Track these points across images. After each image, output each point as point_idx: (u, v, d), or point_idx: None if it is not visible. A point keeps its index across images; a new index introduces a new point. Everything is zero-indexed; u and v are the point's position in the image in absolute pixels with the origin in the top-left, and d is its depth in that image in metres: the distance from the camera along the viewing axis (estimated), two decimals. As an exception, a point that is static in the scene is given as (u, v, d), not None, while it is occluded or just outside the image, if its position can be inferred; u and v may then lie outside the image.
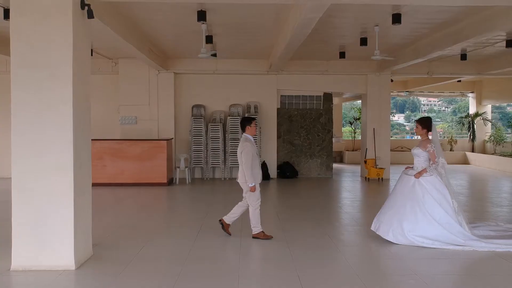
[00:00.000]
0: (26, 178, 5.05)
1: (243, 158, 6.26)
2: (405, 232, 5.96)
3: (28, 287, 4.69)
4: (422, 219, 5.95)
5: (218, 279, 4.87)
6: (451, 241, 5.85)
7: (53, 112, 5.04)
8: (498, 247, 5.78)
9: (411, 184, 6.15)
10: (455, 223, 5.96)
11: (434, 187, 6.04)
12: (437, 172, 6.12)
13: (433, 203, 5.98)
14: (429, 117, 6.58)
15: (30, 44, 5.02)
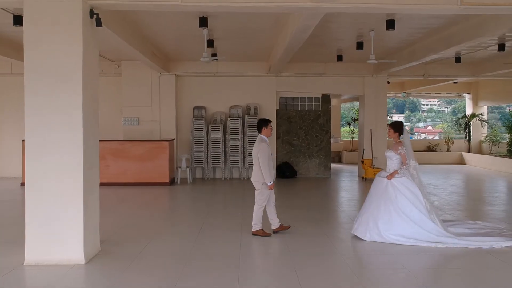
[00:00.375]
0: (39, 178, 5.34)
1: (259, 158, 6.56)
2: (381, 231, 6.26)
3: (41, 280, 4.97)
4: (396, 218, 6.24)
5: (219, 274, 5.15)
6: (426, 238, 6.13)
7: (64, 116, 5.33)
8: (470, 244, 6.07)
9: (384, 185, 6.44)
10: (429, 220, 6.24)
11: (406, 187, 6.34)
12: (409, 173, 6.41)
13: (406, 203, 6.27)
14: (400, 121, 6.88)
15: (42, 52, 5.32)
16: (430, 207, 6.36)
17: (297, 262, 5.55)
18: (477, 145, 19.51)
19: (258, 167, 6.65)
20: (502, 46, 9.81)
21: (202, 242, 6.47)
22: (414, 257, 5.77)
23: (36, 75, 5.33)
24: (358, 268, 5.48)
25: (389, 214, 6.29)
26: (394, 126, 6.68)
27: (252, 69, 13.33)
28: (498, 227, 7.05)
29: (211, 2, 5.50)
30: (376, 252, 6.00)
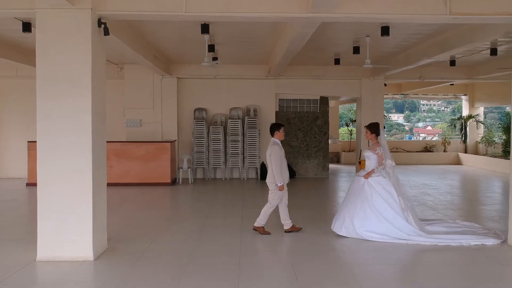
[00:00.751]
0: (50, 179, 5.65)
1: (272, 160, 6.87)
2: (355, 227, 6.59)
3: (53, 275, 5.26)
4: (371, 216, 6.56)
5: (221, 270, 5.45)
6: (398, 235, 6.44)
7: (74, 120, 5.64)
8: (439, 241, 6.36)
9: (361, 184, 6.76)
10: (402, 219, 6.53)
11: (381, 186, 6.65)
12: (385, 172, 6.72)
13: (381, 201, 6.58)
14: (377, 123, 7.15)
15: (53, 59, 5.62)
16: (404, 206, 6.65)
17: (294, 258, 5.86)
18: (474, 145, 19.81)
19: (271, 169, 6.97)
20: (495, 51, 10.13)
21: (204, 240, 6.77)
22: (387, 253, 6.09)
23: (47, 81, 5.63)
24: (353, 264, 5.79)
25: (364, 212, 6.61)
26: (371, 128, 6.98)
27: (252, 72, 13.63)
28: (475, 226, 7.31)
29: (213, 12, 5.81)
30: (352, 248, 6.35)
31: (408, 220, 6.58)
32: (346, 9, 5.78)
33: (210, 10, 5.79)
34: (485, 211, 9.19)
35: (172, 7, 5.72)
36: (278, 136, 7.15)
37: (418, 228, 6.58)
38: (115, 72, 13.71)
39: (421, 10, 5.88)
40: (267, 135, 13.91)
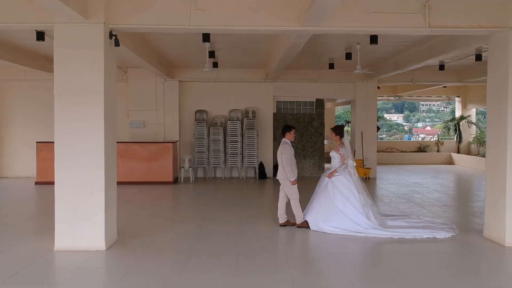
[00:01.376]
0: (66, 176, 6.25)
1: (283, 158, 7.51)
2: (319, 223, 7.24)
3: (70, 263, 5.84)
4: (332, 213, 7.21)
5: (221, 258, 6.05)
6: (357, 229, 7.05)
7: (88, 122, 6.23)
8: (394, 234, 6.96)
9: (325, 183, 7.42)
10: (361, 215, 7.15)
11: (343, 185, 7.29)
12: (347, 171, 7.36)
13: (341, 198, 7.23)
14: (341, 126, 7.80)
15: (70, 68, 6.22)
16: (364, 202, 7.26)
17: (288, 249, 6.46)
18: (466, 146, 20.41)
19: (282, 166, 7.59)
20: (479, 57, 10.72)
21: (205, 233, 7.37)
22: (347, 244, 6.70)
23: (64, 88, 6.23)
24: (330, 254, 6.39)
25: (326, 209, 7.27)
26: (336, 130, 7.65)
27: (250, 76, 14.22)
28: (435, 221, 7.89)
29: (214, 26, 6.41)
30: (318, 240, 6.99)
31: (367, 216, 7.19)
32: (335, 23, 6.37)
33: (212, 23, 6.39)
34: (469, 207, 9.78)
35: (177, 21, 6.31)
36: (289, 137, 7.80)
37: (377, 223, 7.19)
38: (120, 76, 14.25)
39: (402, 23, 6.47)
40: (265, 136, 14.62)
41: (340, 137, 7.57)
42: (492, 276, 5.54)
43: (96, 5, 6.11)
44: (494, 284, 5.20)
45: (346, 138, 7.58)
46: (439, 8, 6.42)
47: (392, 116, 59.02)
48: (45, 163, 12.71)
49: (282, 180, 7.71)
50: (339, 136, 7.57)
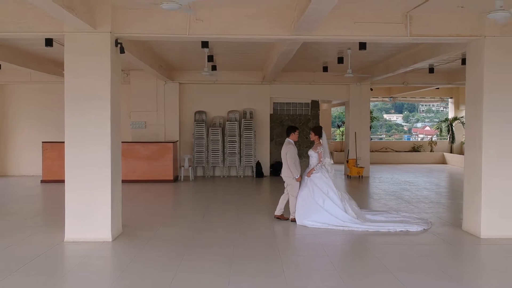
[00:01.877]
0: (76, 173, 6.78)
1: (288, 158, 8.03)
2: (301, 218, 7.80)
3: (79, 253, 6.36)
4: (312, 208, 7.76)
5: (218, 248, 6.58)
6: (336, 223, 7.60)
7: (95, 124, 6.76)
8: (370, 228, 7.50)
9: (306, 181, 7.97)
10: (339, 209, 7.70)
11: (322, 181, 7.85)
12: (325, 169, 7.91)
13: (321, 194, 7.79)
14: (320, 126, 8.38)
15: (79, 74, 6.75)
16: (342, 197, 7.83)
17: (279, 239, 6.99)
18: (459, 146, 20.94)
19: (286, 165, 8.11)
20: (465, 61, 11.22)
21: (204, 226, 7.91)
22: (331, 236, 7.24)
23: (74, 93, 6.76)
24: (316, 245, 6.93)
25: (307, 205, 7.82)
26: (315, 130, 8.23)
27: (248, 78, 14.75)
28: (412, 216, 8.44)
29: (212, 35, 6.94)
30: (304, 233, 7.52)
31: (346, 210, 7.75)
32: (323, 32, 6.90)
33: (210, 33, 6.92)
34: (454, 204, 10.29)
35: (178, 30, 6.84)
36: (293, 137, 8.34)
37: (355, 216, 7.74)
38: (122, 78, 14.78)
39: (386, 32, 7.01)
40: (263, 136, 15.15)
41: (319, 137, 8.13)
42: (465, 262, 6.08)
43: (103, 16, 6.63)
44: (466, 269, 5.73)
45: (324, 138, 8.13)
46: (420, 18, 6.95)
47: (391, 116, 59.50)
48: (51, 162, 13.27)
49: (286, 178, 8.22)
50: (318, 136, 8.14)
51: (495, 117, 6.99)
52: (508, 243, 6.81)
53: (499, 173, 7.03)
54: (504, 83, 6.97)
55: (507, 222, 7.03)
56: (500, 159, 7.02)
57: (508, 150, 7.02)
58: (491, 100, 6.98)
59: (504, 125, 7.00)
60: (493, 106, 6.98)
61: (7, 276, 5.31)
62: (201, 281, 5.20)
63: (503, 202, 7.05)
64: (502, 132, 7.01)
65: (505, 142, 7.01)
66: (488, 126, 7.00)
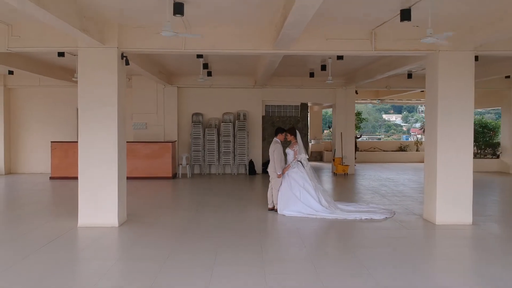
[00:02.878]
0: (88, 168, 7.91)
1: (275, 155, 9.19)
2: (281, 208, 8.97)
3: (90, 236, 7.48)
4: (290, 200, 8.90)
5: (209, 233, 7.70)
6: (310, 212, 8.75)
7: (104, 125, 7.89)
8: (339, 216, 8.63)
9: (285, 176, 9.12)
10: (314, 200, 8.86)
11: (298, 176, 9.00)
12: (301, 164, 9.08)
13: (298, 187, 8.94)
14: (294, 128, 9.55)
15: (90, 83, 7.88)
16: (316, 188, 9.00)
17: (260, 224, 8.14)
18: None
19: (273, 162, 9.26)
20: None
21: (200, 215, 9.04)
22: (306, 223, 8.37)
23: (86, 99, 7.89)
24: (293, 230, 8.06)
25: (286, 197, 8.97)
26: (290, 131, 9.40)
27: (241, 82, 15.89)
28: (380, 207, 9.56)
29: (204, 49, 8.09)
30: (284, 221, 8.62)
31: (319, 201, 8.91)
32: (300, 47, 8.04)
33: (203, 47, 8.06)
34: (422, 197, 11.41)
35: (175, 45, 7.97)
36: (280, 137, 9.49)
37: (327, 206, 8.91)
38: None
39: (354, 47, 8.14)
40: (255, 136, 16.30)
41: (294, 137, 9.29)
42: (416, 243, 7.20)
43: (111, 34, 7.77)
44: (415, 247, 6.87)
45: (298, 138, 9.31)
46: (383, 34, 8.08)
47: (390, 116, 60.52)
48: (59, 160, 14.41)
49: (271, 173, 9.37)
50: (293, 136, 9.31)
51: (448, 120, 8.12)
52: (457, 228, 7.95)
53: (451, 168, 8.18)
54: (454, 91, 8.10)
55: (457, 210, 8.18)
56: (451, 155, 8.16)
57: (458, 148, 8.16)
58: (444, 105, 8.12)
59: (455, 126, 8.14)
60: (446, 111, 8.12)
61: (35, 251, 6.45)
62: (194, 254, 6.33)
63: (454, 193, 8.19)
64: (453, 132, 8.14)
65: (456, 141, 8.15)
66: (442, 127, 8.14)
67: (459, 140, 8.16)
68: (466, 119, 8.17)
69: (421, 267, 5.86)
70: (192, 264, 5.88)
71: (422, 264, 6.02)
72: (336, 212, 8.86)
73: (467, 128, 8.19)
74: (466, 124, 8.18)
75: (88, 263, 6.14)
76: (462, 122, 8.14)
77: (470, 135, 8.23)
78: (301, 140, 9.34)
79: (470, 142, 8.23)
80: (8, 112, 16.21)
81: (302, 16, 5.62)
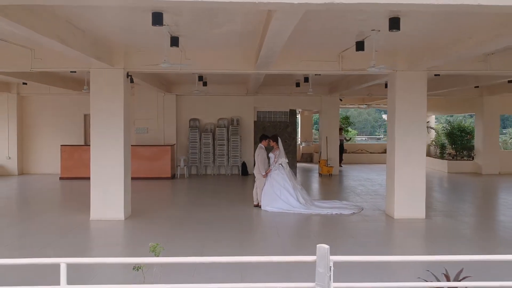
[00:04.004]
0: (98, 169, 9.37)
1: (258, 158, 10.71)
2: (264, 205, 10.43)
3: (101, 227, 8.93)
4: (272, 197, 10.35)
5: (201, 224, 9.15)
6: (288, 208, 10.20)
7: (112, 132, 9.35)
8: (313, 211, 10.11)
9: (268, 176, 10.58)
10: (292, 198, 10.31)
11: (279, 177, 10.46)
12: (282, 167, 10.50)
13: (279, 187, 10.39)
14: (276, 135, 11.09)
15: (101, 98, 9.34)
16: (295, 187, 10.45)
17: (245, 219, 9.60)
18: (426, 148, 23.47)
19: (257, 164, 10.74)
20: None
21: (193, 210, 10.49)
22: (281, 217, 9.85)
23: (97, 111, 9.35)
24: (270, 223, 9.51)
25: (269, 195, 10.42)
26: (273, 138, 10.89)
27: (234, 90, 17.31)
28: (351, 204, 11.01)
29: (197, 69, 9.56)
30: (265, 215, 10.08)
31: (297, 198, 10.36)
32: (278, 67, 9.48)
33: (196, 68, 9.52)
34: (395, 196, 12.85)
35: (172, 67, 9.41)
36: (264, 143, 11.01)
37: (304, 203, 10.36)
38: (127, 90, 17.39)
39: (324, 67, 9.60)
40: (247, 140, 17.77)
41: (276, 143, 10.73)
42: (372, 232, 8.65)
43: (118, 58, 9.23)
44: (371, 235, 8.32)
45: (280, 144, 10.77)
46: (348, 57, 9.52)
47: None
48: (68, 162, 15.87)
49: (256, 173, 10.84)
50: (275, 142, 10.77)
51: (403, 128, 9.58)
52: (411, 221, 9.40)
53: (407, 168, 9.64)
54: (408, 105, 9.55)
55: (412, 206, 9.63)
56: (406, 158, 9.63)
57: (411, 151, 9.63)
58: (400, 116, 9.57)
59: (408, 134, 9.60)
60: (402, 121, 9.57)
61: (57, 239, 7.91)
62: (189, 240, 7.79)
63: (410, 190, 9.64)
64: (407, 139, 9.60)
65: (410, 145, 9.60)
66: (399, 135, 9.59)
67: (413, 143, 9.63)
68: (419, 127, 9.65)
69: (372, 249, 7.30)
70: (187, 243, 7.33)
71: (374, 247, 7.46)
72: (311, 208, 10.31)
73: (420, 134, 9.67)
74: (420, 130, 9.66)
75: (102, 246, 7.60)
76: (416, 129, 9.63)
77: (423, 140, 9.72)
78: (282, 146, 10.80)
79: (423, 146, 9.71)
80: (21, 118, 17.66)
81: (272, 51, 7.08)
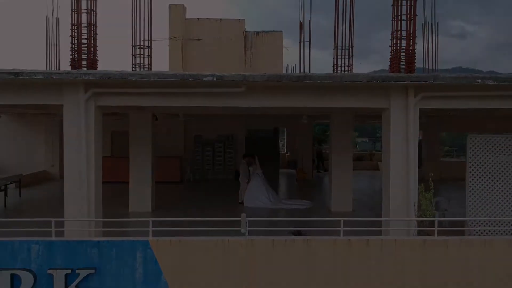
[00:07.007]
0: (135, 175, 14.12)
1: (241, 170, 15.54)
2: (246, 202, 15.03)
3: (137, 216, 13.57)
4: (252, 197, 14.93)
5: (203, 209, 13.85)
6: (261, 205, 14.71)
7: (142, 152, 14.11)
8: (280, 207, 14.75)
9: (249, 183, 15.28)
10: (266, 198, 14.87)
11: (258, 182, 15.05)
12: (258, 176, 15.14)
13: (256, 190, 14.95)
14: (254, 154, 15.86)
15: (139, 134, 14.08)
16: (267, 190, 15.09)
17: (229, 210, 14.35)
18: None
19: (241, 174, 15.48)
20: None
21: (200, 205, 15.20)
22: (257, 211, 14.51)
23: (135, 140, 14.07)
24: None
25: (249, 196, 15.02)
26: (252, 156, 15.64)
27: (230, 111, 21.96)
28: (308, 202, 15.49)
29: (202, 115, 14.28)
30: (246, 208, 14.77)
31: (269, 198, 15.00)
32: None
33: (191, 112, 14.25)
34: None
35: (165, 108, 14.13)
36: (246, 160, 15.77)
37: (274, 202, 14.98)
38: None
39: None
40: (240, 152, 22.45)
41: (254, 159, 15.46)
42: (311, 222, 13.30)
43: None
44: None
45: (256, 160, 15.47)
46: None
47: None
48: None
49: (240, 180, 15.60)
50: (253, 159, 15.49)
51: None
52: (340, 213, 14.00)
53: (343, 170, 14.31)
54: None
55: (344, 201, 14.27)
56: (336, 159, 14.29)
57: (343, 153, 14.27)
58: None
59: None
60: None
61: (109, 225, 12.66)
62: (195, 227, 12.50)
63: (343, 187, 14.26)
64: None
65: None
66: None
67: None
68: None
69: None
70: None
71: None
72: (279, 205, 15.00)
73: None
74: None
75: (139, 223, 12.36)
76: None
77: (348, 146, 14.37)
78: (258, 162, 15.50)
79: (350, 155, 14.35)
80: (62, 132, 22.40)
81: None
